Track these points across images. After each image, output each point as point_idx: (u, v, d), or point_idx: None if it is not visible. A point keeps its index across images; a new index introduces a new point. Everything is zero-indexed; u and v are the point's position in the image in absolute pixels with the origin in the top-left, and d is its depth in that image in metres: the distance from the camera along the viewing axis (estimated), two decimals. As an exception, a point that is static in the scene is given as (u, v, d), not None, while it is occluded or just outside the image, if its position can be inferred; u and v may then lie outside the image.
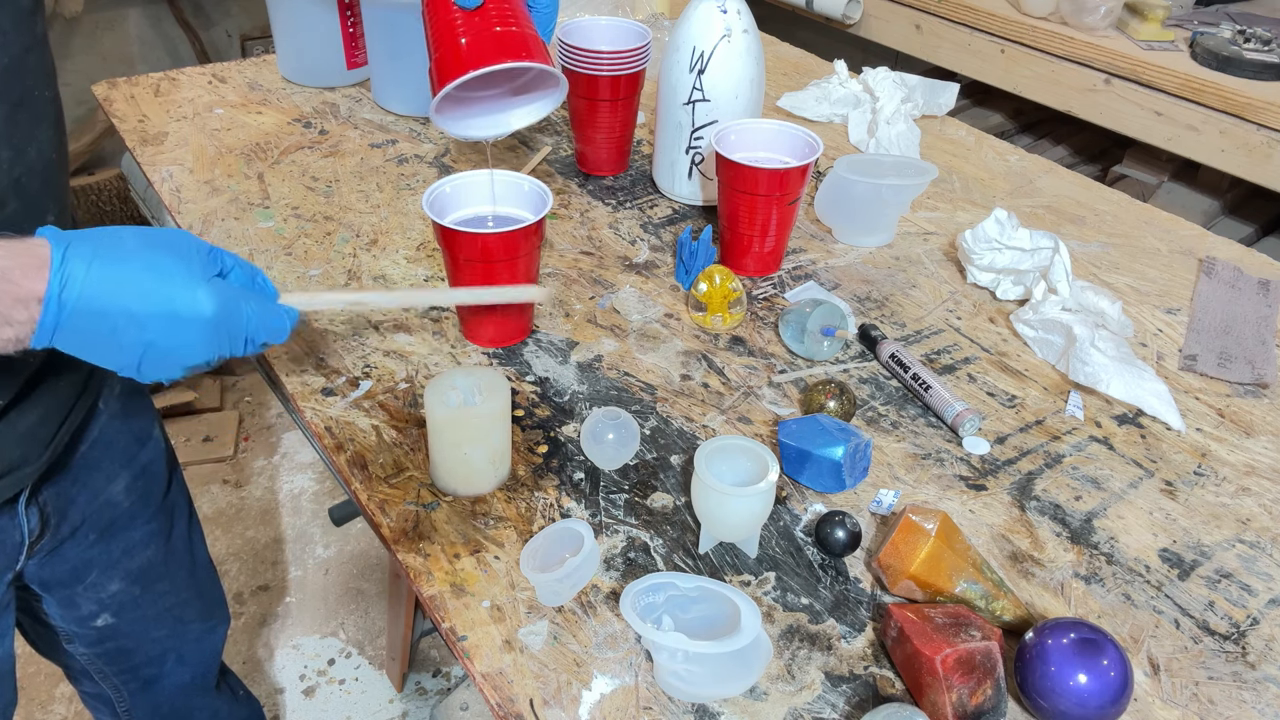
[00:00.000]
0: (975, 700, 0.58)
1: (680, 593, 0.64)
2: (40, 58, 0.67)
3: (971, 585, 0.65)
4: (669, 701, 0.60)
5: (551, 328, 0.92)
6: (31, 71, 0.66)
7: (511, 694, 0.60)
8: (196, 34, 2.42)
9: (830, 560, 0.70)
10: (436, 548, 0.69)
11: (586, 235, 1.06)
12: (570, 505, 0.73)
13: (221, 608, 1.09)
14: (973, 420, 0.81)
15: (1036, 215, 1.15)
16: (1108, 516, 0.76)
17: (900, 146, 1.23)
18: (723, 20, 1.00)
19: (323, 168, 1.14)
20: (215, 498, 2.03)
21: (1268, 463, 0.82)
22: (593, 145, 1.15)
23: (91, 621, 0.94)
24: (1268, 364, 0.92)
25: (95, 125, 2.29)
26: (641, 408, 0.83)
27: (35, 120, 0.66)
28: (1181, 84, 1.60)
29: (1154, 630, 0.67)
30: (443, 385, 0.71)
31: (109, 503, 0.88)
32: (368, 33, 1.24)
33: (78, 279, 0.54)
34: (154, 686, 1.05)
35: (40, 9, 0.67)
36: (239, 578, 1.88)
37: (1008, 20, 1.82)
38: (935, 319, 0.97)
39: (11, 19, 0.62)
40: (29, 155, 0.66)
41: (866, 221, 1.06)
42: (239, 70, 1.37)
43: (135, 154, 1.15)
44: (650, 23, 1.48)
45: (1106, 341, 0.87)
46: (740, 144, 0.99)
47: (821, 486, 0.75)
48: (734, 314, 0.91)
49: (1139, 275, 1.06)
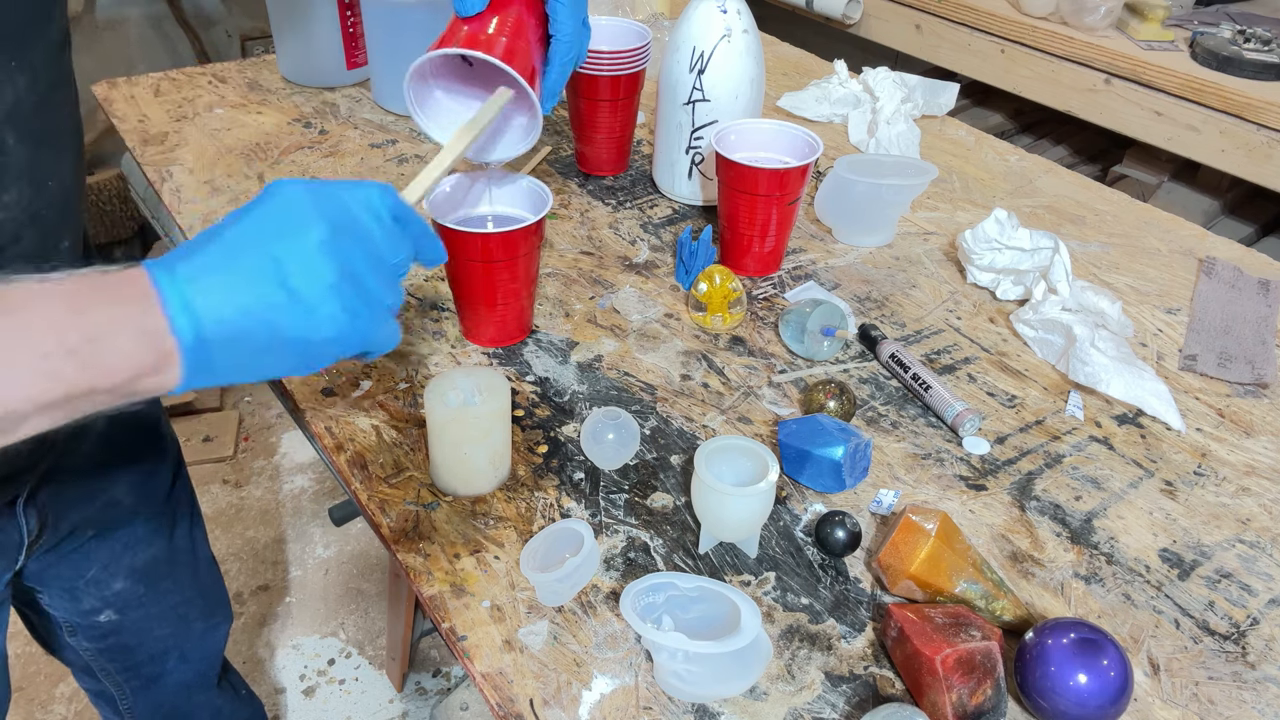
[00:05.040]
0: (975, 700, 0.58)
1: (680, 593, 0.64)
2: (67, 93, 0.67)
3: (971, 585, 0.65)
4: (669, 701, 0.60)
5: (551, 328, 0.92)
6: (59, 107, 0.66)
7: (511, 694, 0.60)
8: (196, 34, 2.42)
9: (830, 560, 0.70)
10: (436, 548, 0.69)
11: (586, 235, 1.06)
12: (570, 505, 0.73)
13: (224, 606, 1.09)
14: (973, 420, 0.81)
15: (1036, 215, 1.15)
16: (1108, 516, 0.76)
17: (900, 146, 1.23)
18: (723, 20, 1.00)
19: (323, 168, 1.14)
20: (215, 498, 2.03)
21: (1268, 463, 0.82)
22: (593, 145, 1.15)
23: (94, 616, 0.94)
24: (1268, 364, 0.92)
25: (95, 125, 2.29)
26: (641, 408, 0.83)
27: (59, 154, 0.66)
28: (1181, 84, 1.60)
29: (1154, 630, 0.67)
30: (443, 385, 0.71)
31: (110, 501, 0.88)
32: (368, 33, 1.24)
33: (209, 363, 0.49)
34: (156, 684, 1.05)
35: (68, 44, 0.66)
36: (239, 578, 1.88)
37: (1007, 20, 1.82)
38: (935, 319, 0.97)
39: (43, 57, 0.62)
40: (49, 190, 0.65)
41: (866, 221, 1.06)
42: (239, 70, 1.37)
43: (135, 154, 1.16)
44: (650, 23, 1.48)
45: (1106, 341, 0.87)
46: (740, 144, 0.99)
47: (821, 486, 0.75)
48: (734, 314, 0.91)
49: (1139, 275, 1.06)
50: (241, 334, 0.48)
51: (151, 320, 0.45)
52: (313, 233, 0.50)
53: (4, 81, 0.59)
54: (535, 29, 0.76)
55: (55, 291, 0.44)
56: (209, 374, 0.48)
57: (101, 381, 0.44)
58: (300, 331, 0.49)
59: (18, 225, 0.63)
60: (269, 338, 0.49)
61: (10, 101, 0.59)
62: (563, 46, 0.76)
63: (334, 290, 0.49)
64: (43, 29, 0.62)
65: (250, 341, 0.48)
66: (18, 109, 0.60)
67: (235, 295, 0.47)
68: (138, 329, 0.45)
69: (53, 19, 0.63)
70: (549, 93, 0.77)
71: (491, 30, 0.73)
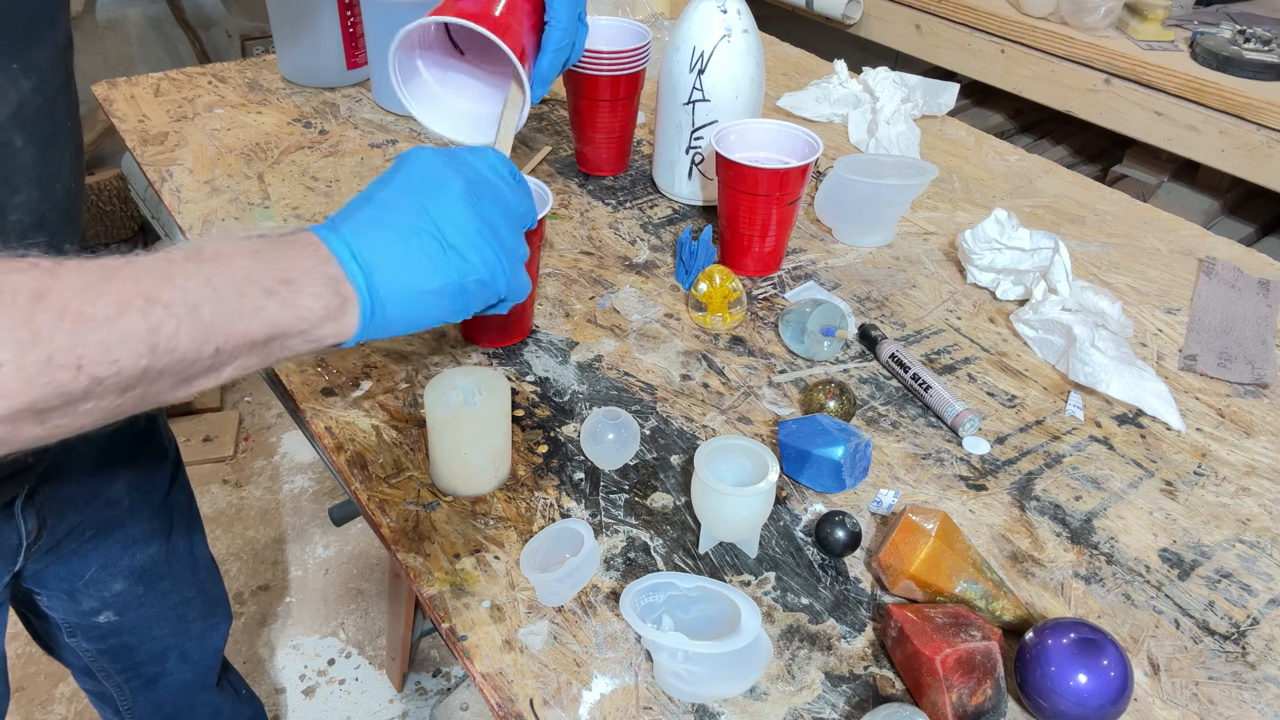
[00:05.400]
0: (975, 700, 0.58)
1: (680, 593, 0.64)
2: (69, 94, 0.68)
3: (971, 585, 0.65)
4: (669, 701, 0.60)
5: (551, 328, 0.92)
6: (62, 109, 0.66)
7: (511, 694, 0.60)
8: (196, 34, 2.42)
9: (830, 560, 0.70)
10: (436, 548, 0.69)
11: (586, 235, 1.06)
12: (570, 505, 0.73)
13: (223, 605, 1.09)
14: (973, 420, 0.81)
15: (1036, 215, 1.15)
16: (1108, 516, 0.76)
17: (900, 146, 1.23)
18: (723, 20, 1.00)
19: (323, 168, 1.14)
20: (215, 498, 2.03)
21: (1268, 463, 0.82)
22: (593, 145, 1.15)
23: (94, 617, 0.94)
24: (1268, 364, 0.92)
25: (95, 125, 2.29)
26: (641, 408, 0.83)
27: (63, 155, 0.67)
28: (1181, 84, 1.60)
29: (1154, 630, 0.67)
30: (443, 385, 0.71)
31: (109, 502, 0.88)
32: (368, 33, 1.24)
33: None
34: (156, 684, 1.05)
35: (71, 45, 0.67)
36: (239, 578, 1.88)
37: (1008, 20, 1.82)
38: (935, 319, 0.97)
39: (48, 59, 0.62)
40: (55, 192, 0.66)
41: (866, 221, 1.06)
42: (239, 70, 1.37)
43: (135, 154, 1.16)
44: (650, 23, 1.48)
45: (1106, 341, 0.87)
46: (740, 144, 0.99)
47: (821, 486, 0.75)
48: (734, 314, 0.91)
49: (1139, 275, 1.06)
50: (405, 282, 0.52)
51: (330, 268, 0.50)
52: (453, 186, 0.55)
53: (10, 84, 0.59)
54: (531, 15, 0.76)
55: (239, 248, 0.47)
56: (381, 322, 0.53)
57: (298, 323, 0.48)
58: (456, 276, 0.54)
59: (25, 228, 0.63)
60: (428, 284, 0.53)
61: (15, 103, 0.59)
62: (556, 33, 0.77)
63: (480, 236, 0.55)
64: (47, 31, 0.62)
65: (413, 287, 0.53)
66: (24, 111, 0.60)
67: (396, 246, 0.52)
68: (323, 276, 0.49)
69: (58, 21, 0.63)
70: (539, 79, 0.77)
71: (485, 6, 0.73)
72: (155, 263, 0.44)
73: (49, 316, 0.39)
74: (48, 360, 0.39)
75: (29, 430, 0.41)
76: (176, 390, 0.45)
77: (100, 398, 0.42)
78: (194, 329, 0.43)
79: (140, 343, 0.41)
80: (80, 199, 0.72)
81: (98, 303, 0.40)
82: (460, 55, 0.83)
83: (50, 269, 0.40)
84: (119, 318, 0.41)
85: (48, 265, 0.40)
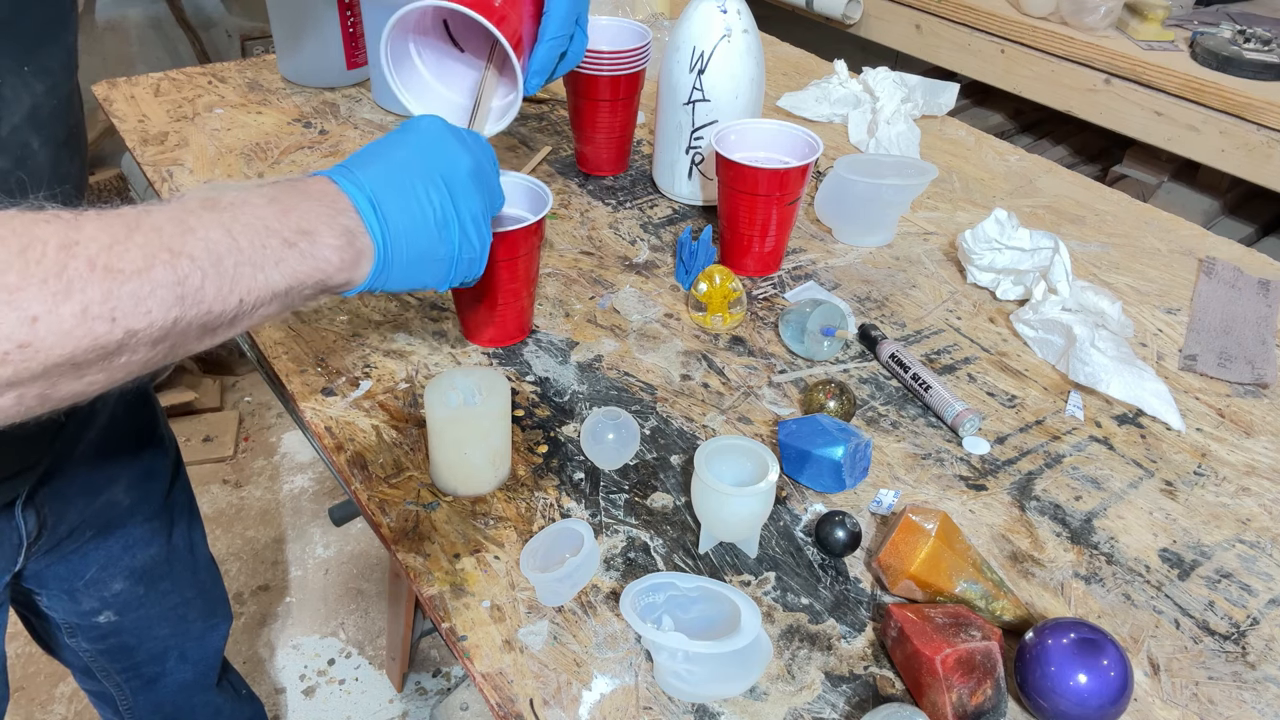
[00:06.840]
0: (975, 700, 0.58)
1: (680, 593, 0.64)
2: (77, 96, 0.68)
3: (971, 585, 0.65)
4: (669, 701, 0.60)
5: (551, 328, 0.92)
6: (75, 109, 0.67)
7: (511, 694, 0.60)
8: (196, 34, 2.42)
9: (830, 560, 0.70)
10: (436, 548, 0.69)
11: (586, 235, 1.06)
12: (570, 505, 0.73)
13: (223, 606, 1.10)
14: (973, 420, 0.81)
15: (1036, 215, 1.15)
16: (1108, 516, 0.76)
17: (900, 146, 1.23)
18: (723, 20, 1.00)
19: (322, 168, 1.14)
20: (215, 498, 2.03)
21: (1268, 463, 0.82)
22: (593, 145, 1.15)
23: (94, 617, 0.94)
24: (1268, 364, 0.92)
25: (95, 125, 2.29)
26: (641, 408, 0.83)
27: (74, 154, 0.67)
28: (1181, 84, 1.60)
29: (1154, 630, 0.67)
30: (443, 385, 0.71)
31: (109, 502, 0.88)
32: (368, 33, 1.24)
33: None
34: (156, 684, 1.05)
35: (77, 44, 0.68)
36: (239, 578, 1.88)
37: (1008, 20, 1.82)
38: (935, 319, 0.97)
39: (60, 61, 0.63)
40: (67, 190, 0.66)
41: (866, 221, 1.06)
42: (239, 70, 1.37)
43: (135, 154, 1.16)
44: (650, 23, 1.48)
45: (1106, 341, 0.87)
46: (740, 144, 0.99)
47: (821, 486, 0.75)
48: (734, 314, 0.91)
49: (1139, 275, 1.06)
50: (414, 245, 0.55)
51: (345, 219, 0.52)
52: (463, 162, 0.58)
53: (23, 87, 0.59)
54: (533, 12, 0.76)
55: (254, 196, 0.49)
56: (383, 279, 0.55)
57: (315, 274, 0.50)
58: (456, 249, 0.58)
59: None
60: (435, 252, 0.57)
61: (30, 106, 0.60)
62: (553, 24, 0.76)
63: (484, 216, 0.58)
64: (59, 34, 0.62)
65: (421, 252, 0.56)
66: (38, 113, 0.61)
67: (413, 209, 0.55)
68: (339, 227, 0.51)
69: (69, 24, 0.63)
70: (535, 70, 0.76)
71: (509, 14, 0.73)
72: (174, 213, 0.44)
73: (80, 267, 0.39)
74: (83, 311, 0.39)
75: (67, 386, 0.41)
76: (202, 340, 0.46)
77: (134, 350, 0.42)
78: (219, 280, 0.44)
79: (169, 293, 0.42)
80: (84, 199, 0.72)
81: (124, 257, 0.41)
82: (460, 52, 0.83)
83: (72, 221, 0.40)
84: (147, 270, 0.41)
85: (69, 217, 0.40)
